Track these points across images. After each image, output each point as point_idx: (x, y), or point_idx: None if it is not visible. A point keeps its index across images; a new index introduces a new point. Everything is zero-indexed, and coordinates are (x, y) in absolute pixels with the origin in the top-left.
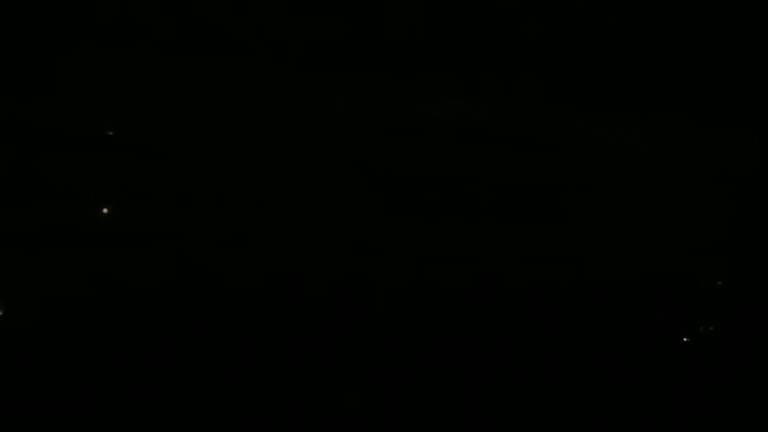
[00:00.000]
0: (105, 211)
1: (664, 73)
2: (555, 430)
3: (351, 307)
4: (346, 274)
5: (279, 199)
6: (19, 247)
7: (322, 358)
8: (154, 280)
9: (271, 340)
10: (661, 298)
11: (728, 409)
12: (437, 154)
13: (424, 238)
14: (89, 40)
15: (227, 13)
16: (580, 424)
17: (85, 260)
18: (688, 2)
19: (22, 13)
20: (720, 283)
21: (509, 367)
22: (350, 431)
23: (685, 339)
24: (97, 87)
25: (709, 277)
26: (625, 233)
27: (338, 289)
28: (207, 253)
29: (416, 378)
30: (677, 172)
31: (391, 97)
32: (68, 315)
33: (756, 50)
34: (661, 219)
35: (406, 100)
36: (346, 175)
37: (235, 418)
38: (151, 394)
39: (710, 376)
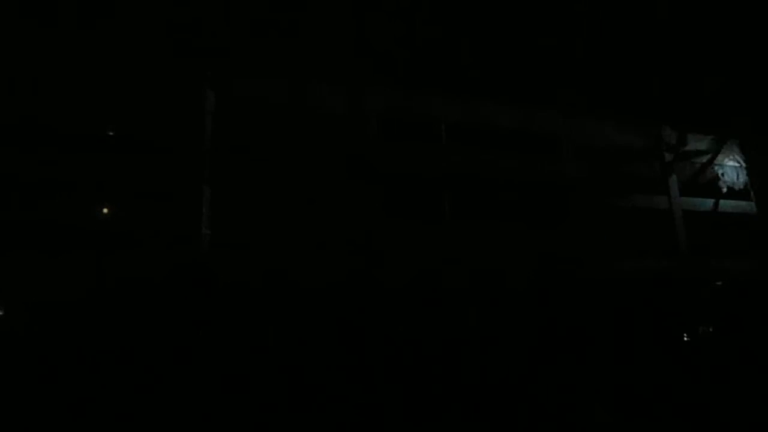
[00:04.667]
0: (105, 211)
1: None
2: (555, 427)
3: (354, 306)
4: (350, 274)
5: (280, 197)
6: (18, 248)
7: (326, 357)
8: (153, 278)
9: (274, 339)
10: (661, 298)
11: (728, 408)
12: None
13: (424, 238)
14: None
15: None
16: (580, 421)
17: (85, 260)
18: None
19: None
20: (720, 283)
21: (508, 366)
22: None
23: (685, 338)
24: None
25: (709, 277)
26: (622, 234)
27: (342, 288)
28: (207, 253)
29: (415, 375)
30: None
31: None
32: (67, 315)
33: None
34: (661, 220)
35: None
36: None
37: (238, 416)
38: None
39: (710, 375)
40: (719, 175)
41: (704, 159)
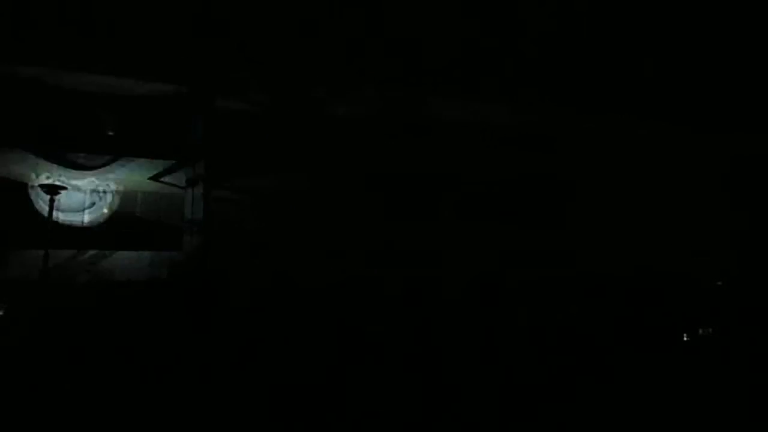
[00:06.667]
0: (105, 211)
1: (666, 76)
2: (552, 426)
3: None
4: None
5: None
6: (19, 246)
7: (329, 357)
8: (154, 277)
9: (278, 340)
10: (662, 298)
11: (727, 408)
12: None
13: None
14: None
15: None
16: (577, 422)
17: (86, 259)
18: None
19: None
20: (720, 283)
21: (506, 365)
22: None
23: (685, 338)
24: None
25: (709, 277)
26: (626, 233)
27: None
28: (207, 254)
29: (416, 374)
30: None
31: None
32: (68, 314)
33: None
34: (662, 219)
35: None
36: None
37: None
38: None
39: (709, 375)
40: None
41: None
